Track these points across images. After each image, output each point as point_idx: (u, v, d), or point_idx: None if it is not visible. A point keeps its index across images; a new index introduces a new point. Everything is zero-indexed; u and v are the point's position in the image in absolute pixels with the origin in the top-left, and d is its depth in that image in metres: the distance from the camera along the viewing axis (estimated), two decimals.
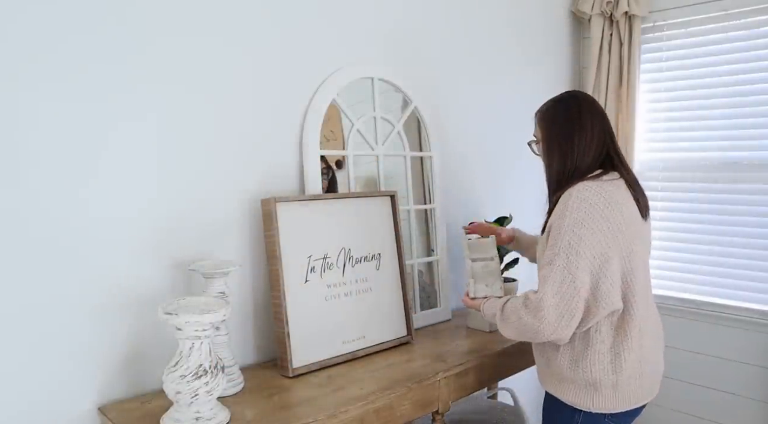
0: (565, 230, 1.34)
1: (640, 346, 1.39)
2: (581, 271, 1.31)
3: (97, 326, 1.37)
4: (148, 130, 1.43)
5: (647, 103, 2.65)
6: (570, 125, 1.46)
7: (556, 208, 1.40)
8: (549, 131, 1.50)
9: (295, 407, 1.34)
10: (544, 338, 1.35)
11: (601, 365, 1.37)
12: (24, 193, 1.25)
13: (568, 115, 1.47)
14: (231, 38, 1.56)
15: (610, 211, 1.34)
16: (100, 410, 1.36)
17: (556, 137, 1.48)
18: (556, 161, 1.47)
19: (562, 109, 1.50)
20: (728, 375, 2.48)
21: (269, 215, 1.56)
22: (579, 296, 1.31)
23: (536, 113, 1.57)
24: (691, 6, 2.47)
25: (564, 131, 1.46)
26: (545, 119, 1.53)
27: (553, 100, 1.54)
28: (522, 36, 2.50)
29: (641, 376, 1.40)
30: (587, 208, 1.33)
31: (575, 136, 1.44)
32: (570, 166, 1.44)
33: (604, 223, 1.33)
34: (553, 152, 1.48)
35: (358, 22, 1.86)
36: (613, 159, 1.45)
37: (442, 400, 1.58)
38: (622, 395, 1.38)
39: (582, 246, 1.32)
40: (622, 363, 1.37)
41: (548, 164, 1.50)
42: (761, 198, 2.38)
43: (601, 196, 1.34)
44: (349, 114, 1.82)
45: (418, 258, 2.01)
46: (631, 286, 1.36)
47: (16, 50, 1.22)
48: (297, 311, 1.57)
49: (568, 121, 1.46)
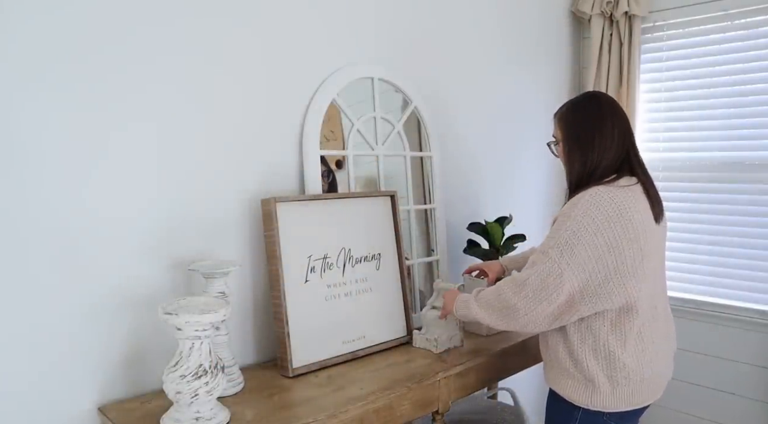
0: (566, 228, 1.35)
1: (642, 350, 1.39)
2: (571, 268, 1.33)
3: (97, 326, 1.37)
4: (148, 130, 1.43)
5: (647, 103, 2.65)
6: (590, 127, 1.44)
7: (566, 206, 1.40)
8: (569, 132, 1.48)
9: (295, 407, 1.34)
10: (518, 318, 1.39)
11: (596, 361, 1.38)
12: (25, 193, 1.25)
13: (589, 117, 1.45)
14: (231, 38, 1.56)
15: (616, 219, 1.33)
16: (100, 410, 1.36)
17: (576, 139, 1.46)
18: (576, 163, 1.45)
19: (582, 111, 1.48)
20: (728, 375, 2.48)
21: (269, 215, 1.56)
22: (561, 290, 1.33)
23: (555, 114, 1.55)
24: (691, 6, 2.47)
25: (584, 133, 1.45)
26: (565, 120, 1.50)
27: (573, 101, 1.52)
28: (522, 36, 2.50)
29: (642, 380, 1.39)
30: (594, 214, 1.33)
31: (595, 138, 1.43)
32: (590, 167, 1.43)
33: (607, 230, 1.32)
34: (573, 154, 1.46)
35: (358, 22, 1.86)
36: (632, 162, 1.44)
37: (442, 400, 1.58)
38: (620, 394, 1.38)
39: (579, 247, 1.32)
40: (617, 363, 1.37)
41: (569, 166, 1.49)
42: (761, 198, 2.38)
43: (611, 204, 1.34)
44: (349, 114, 1.82)
45: (418, 258, 2.01)
46: (631, 291, 1.35)
47: (23, 59, 1.22)
48: (297, 311, 1.57)
49: (588, 122, 1.45)
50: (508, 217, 2.13)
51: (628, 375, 1.38)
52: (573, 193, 1.46)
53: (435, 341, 1.70)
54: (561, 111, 1.53)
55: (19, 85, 1.23)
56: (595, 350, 1.38)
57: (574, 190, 1.46)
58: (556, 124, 1.53)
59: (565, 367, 1.43)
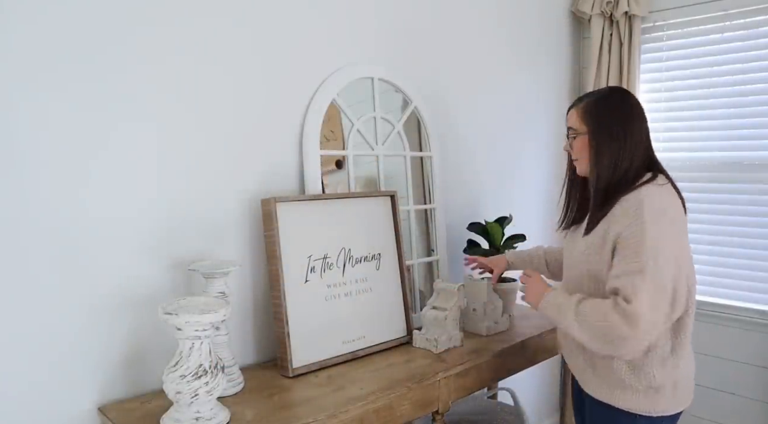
0: (648, 238, 1.27)
1: (690, 347, 1.39)
2: (668, 279, 1.27)
3: (97, 326, 1.37)
4: (148, 129, 1.43)
5: (647, 103, 2.65)
6: (621, 122, 1.38)
7: (621, 215, 1.32)
8: (597, 126, 1.39)
9: (295, 407, 1.34)
10: (625, 347, 1.27)
11: (663, 368, 1.34)
12: (25, 193, 1.25)
13: (619, 112, 1.39)
14: (231, 38, 1.56)
15: (678, 216, 1.32)
16: (100, 410, 1.36)
17: (608, 134, 1.38)
18: (605, 159, 1.37)
19: (612, 105, 1.40)
20: (728, 375, 2.48)
21: (269, 215, 1.56)
22: (668, 306, 1.27)
23: (577, 106, 1.44)
24: (691, 6, 2.47)
25: (615, 128, 1.38)
26: (592, 114, 1.41)
27: (599, 94, 1.44)
28: (522, 36, 2.50)
29: (689, 376, 1.39)
30: (662, 215, 1.29)
31: (627, 135, 1.37)
32: (625, 167, 1.36)
33: (676, 228, 1.30)
34: (602, 150, 1.38)
35: (358, 22, 1.86)
36: (658, 161, 1.42)
37: (442, 400, 1.58)
38: (680, 394, 1.37)
39: (666, 253, 1.27)
40: (679, 362, 1.35)
41: (595, 163, 1.39)
42: (761, 198, 2.38)
43: (670, 202, 1.32)
44: (349, 114, 1.82)
45: (418, 258, 2.01)
46: (692, 289, 1.34)
47: (24, 60, 1.22)
48: (297, 311, 1.57)
49: (619, 118, 1.38)
50: (508, 217, 2.13)
51: (688, 376, 1.37)
52: (603, 196, 1.38)
53: (435, 341, 1.70)
54: (585, 103, 1.43)
55: (19, 85, 1.23)
56: (663, 358, 1.34)
57: (604, 193, 1.38)
58: (580, 118, 1.43)
59: (621, 378, 1.37)
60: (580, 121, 1.43)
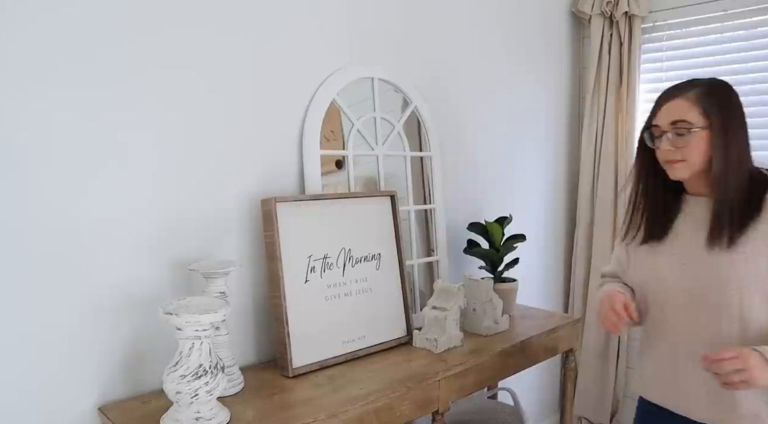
0: None
1: None
2: None
3: (97, 326, 1.37)
4: (148, 129, 1.43)
5: (647, 104, 2.65)
6: (741, 113, 1.26)
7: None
8: (724, 116, 1.24)
9: (295, 407, 1.34)
10: None
11: None
12: (26, 194, 1.25)
13: (737, 100, 1.27)
14: (231, 39, 1.56)
15: None
16: (100, 410, 1.36)
17: (734, 126, 1.24)
18: (733, 153, 1.23)
19: (729, 92, 1.27)
20: None
21: (269, 215, 1.56)
22: None
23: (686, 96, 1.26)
24: (691, 6, 2.47)
25: (738, 119, 1.25)
26: (713, 105, 1.24)
27: (712, 83, 1.28)
28: (522, 36, 2.50)
29: None
30: None
31: (746, 127, 1.26)
32: (750, 160, 1.26)
33: None
34: (730, 143, 1.23)
35: (358, 22, 1.86)
36: None
37: (442, 400, 1.58)
38: None
39: None
40: None
41: (721, 156, 1.23)
42: None
43: None
44: (349, 114, 1.82)
45: (418, 258, 2.01)
46: None
47: (26, 62, 1.22)
48: (297, 311, 1.57)
49: (739, 107, 1.26)
50: (508, 217, 2.13)
51: None
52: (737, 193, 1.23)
53: (435, 341, 1.70)
54: (699, 92, 1.26)
55: (22, 87, 1.23)
56: None
57: (737, 190, 1.23)
58: (696, 109, 1.24)
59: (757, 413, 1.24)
60: (699, 113, 1.24)
